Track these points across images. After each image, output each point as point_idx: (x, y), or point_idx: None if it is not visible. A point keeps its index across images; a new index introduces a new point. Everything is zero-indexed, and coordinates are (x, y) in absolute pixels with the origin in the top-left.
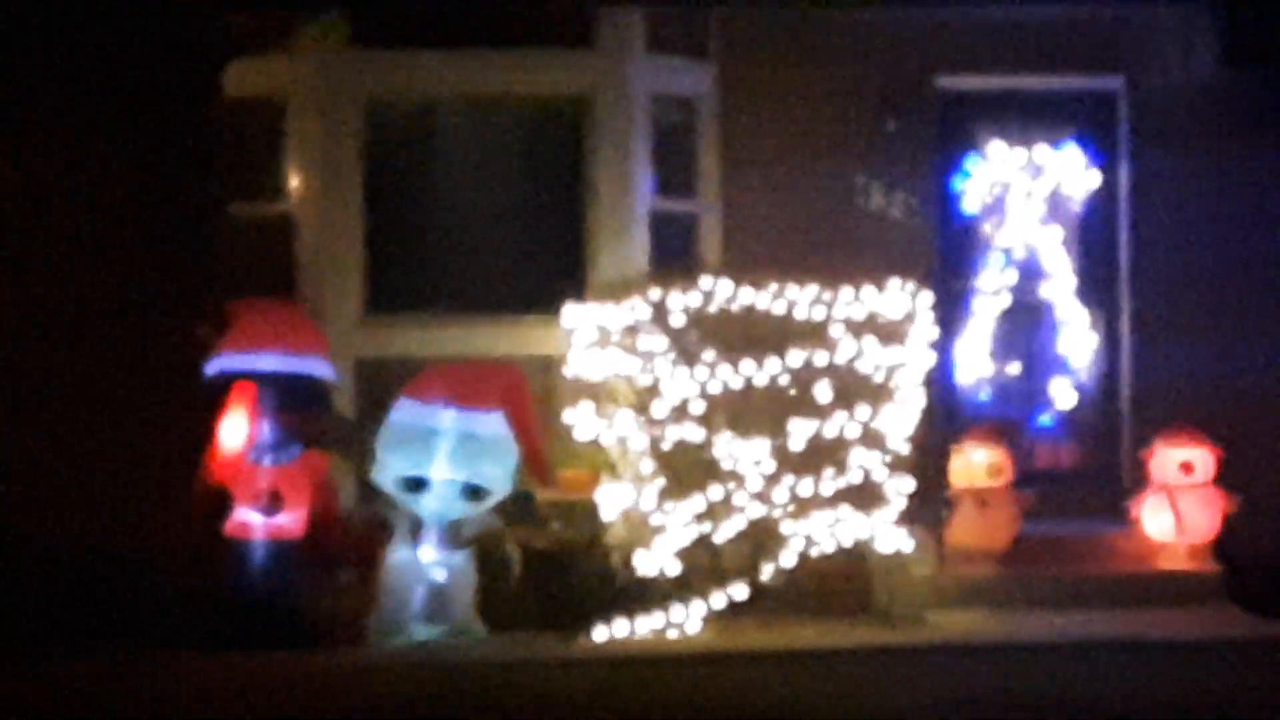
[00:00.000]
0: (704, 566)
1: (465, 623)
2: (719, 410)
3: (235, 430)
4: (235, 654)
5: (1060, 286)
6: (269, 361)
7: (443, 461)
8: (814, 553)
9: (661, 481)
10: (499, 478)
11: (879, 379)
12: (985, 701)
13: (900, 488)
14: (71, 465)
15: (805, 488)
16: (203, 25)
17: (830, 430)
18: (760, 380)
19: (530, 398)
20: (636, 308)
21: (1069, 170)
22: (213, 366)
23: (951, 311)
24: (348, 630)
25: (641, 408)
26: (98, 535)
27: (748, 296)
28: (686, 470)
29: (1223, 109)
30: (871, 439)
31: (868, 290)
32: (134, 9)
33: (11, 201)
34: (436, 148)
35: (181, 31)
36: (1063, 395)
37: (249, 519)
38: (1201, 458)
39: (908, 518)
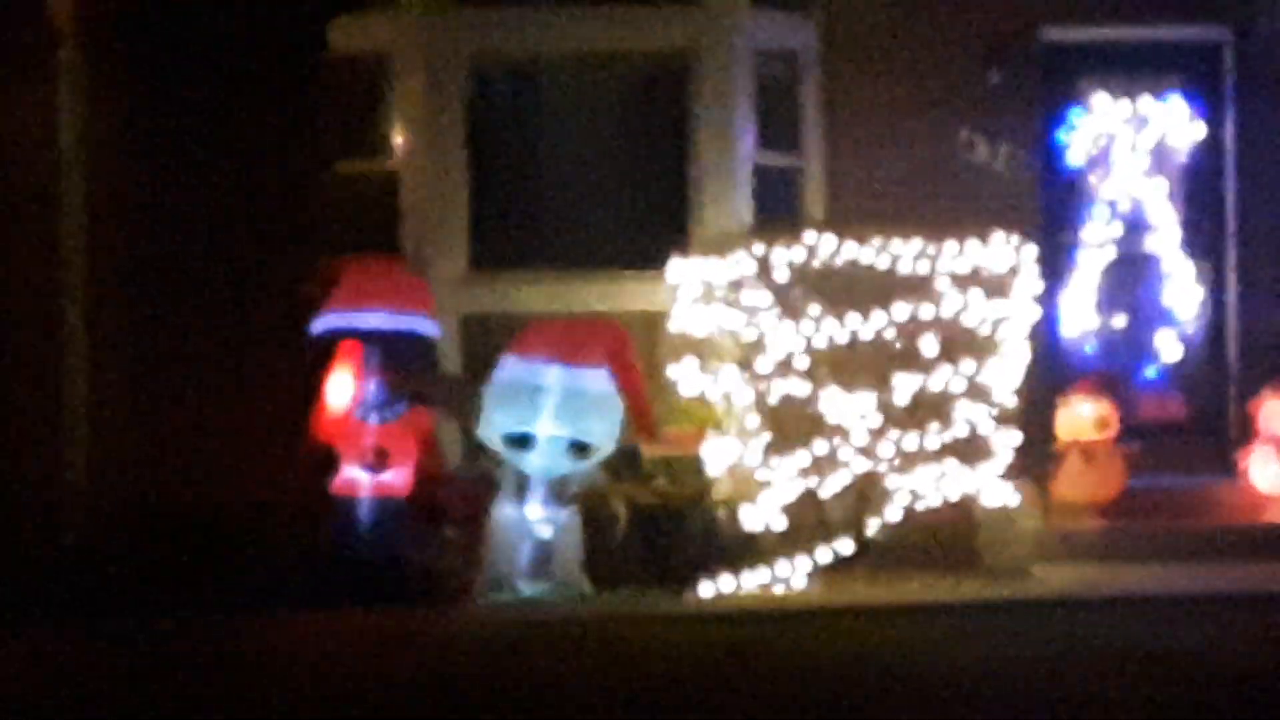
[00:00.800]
0: (810, 521)
1: (571, 579)
2: (823, 365)
3: (341, 388)
4: (343, 611)
5: (1165, 239)
6: (374, 319)
7: (548, 418)
8: (920, 507)
9: (767, 436)
10: (604, 434)
11: (984, 332)
12: (1092, 656)
13: (1006, 441)
14: (179, 425)
15: (910, 442)
16: None
17: (935, 384)
18: (865, 334)
19: (635, 354)
20: (740, 263)
21: (1174, 122)
22: (318, 325)
23: (1056, 264)
24: (455, 587)
25: (746, 363)
26: (207, 494)
27: (851, 251)
28: (792, 425)
29: None
30: (977, 393)
31: (972, 244)
32: None
33: (114, 160)
34: (539, 104)
35: None
36: (1169, 348)
37: (356, 477)
38: None
39: (1013, 471)
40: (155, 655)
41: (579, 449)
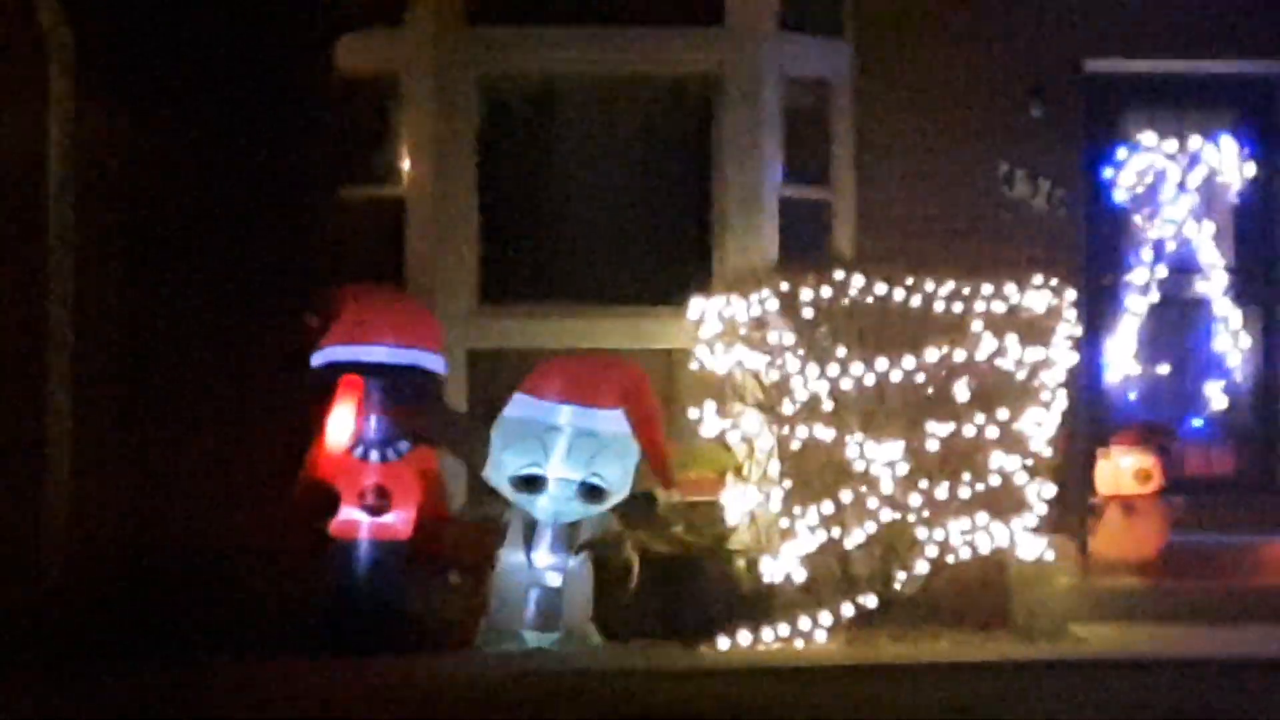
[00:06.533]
0: (833, 574)
1: (580, 630)
2: (851, 409)
3: (342, 425)
4: (339, 659)
5: (1215, 282)
6: (378, 353)
7: (559, 460)
8: (950, 561)
9: (789, 484)
10: (618, 478)
11: (1021, 378)
12: None
13: (1042, 493)
14: (169, 462)
15: (941, 492)
16: None
17: (968, 431)
18: (895, 378)
19: (652, 394)
20: (764, 300)
21: (1225, 160)
22: (319, 357)
23: (1099, 307)
24: (456, 635)
25: (769, 405)
26: (196, 535)
27: (882, 289)
28: (816, 472)
29: None
30: (1012, 441)
31: (1010, 284)
32: None
33: (107, 183)
34: (555, 129)
35: (290, 3)
36: (1217, 397)
37: (355, 518)
38: None
39: (1049, 525)
40: (139, 704)
41: (591, 493)
